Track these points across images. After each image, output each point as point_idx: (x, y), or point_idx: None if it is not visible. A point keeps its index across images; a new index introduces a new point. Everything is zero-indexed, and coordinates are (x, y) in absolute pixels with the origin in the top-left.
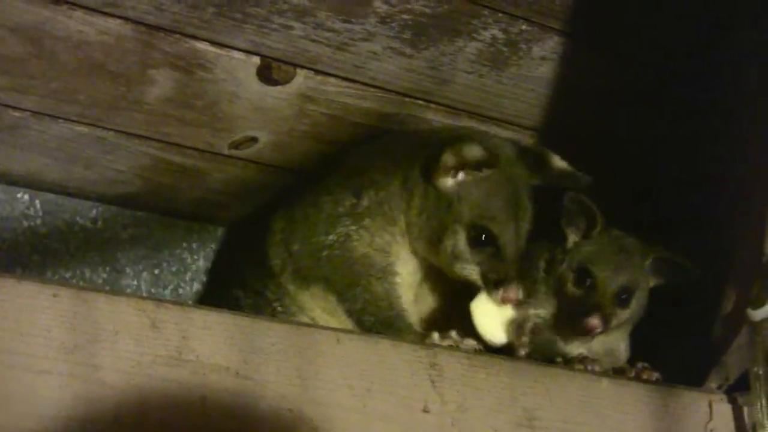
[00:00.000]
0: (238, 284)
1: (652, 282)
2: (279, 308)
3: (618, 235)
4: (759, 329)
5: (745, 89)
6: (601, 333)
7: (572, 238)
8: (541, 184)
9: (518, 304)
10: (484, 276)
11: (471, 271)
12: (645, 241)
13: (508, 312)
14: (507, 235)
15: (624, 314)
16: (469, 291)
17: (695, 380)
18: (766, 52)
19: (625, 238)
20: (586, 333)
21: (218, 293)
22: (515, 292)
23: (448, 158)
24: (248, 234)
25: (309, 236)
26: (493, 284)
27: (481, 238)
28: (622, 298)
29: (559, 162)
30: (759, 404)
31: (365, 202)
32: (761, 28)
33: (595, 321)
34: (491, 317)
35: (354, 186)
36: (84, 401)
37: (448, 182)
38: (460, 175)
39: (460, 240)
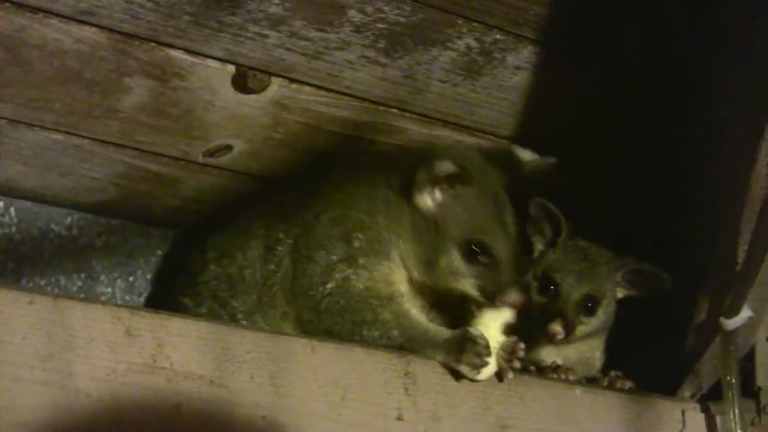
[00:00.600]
0: (188, 292)
1: (622, 293)
2: (243, 321)
3: (584, 245)
4: (732, 338)
5: (728, 99)
6: (565, 340)
7: (538, 246)
8: (512, 183)
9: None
10: (481, 290)
11: (468, 287)
12: (615, 253)
13: (500, 339)
14: (499, 242)
15: (591, 323)
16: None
17: (668, 389)
18: (748, 59)
19: (593, 247)
20: (549, 339)
21: (164, 298)
22: (515, 295)
23: (422, 177)
24: (212, 246)
25: (306, 290)
26: (491, 295)
27: (475, 252)
28: (588, 306)
29: (524, 153)
30: (732, 413)
31: (356, 244)
32: (742, 35)
33: (557, 327)
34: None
35: (341, 232)
36: (59, 408)
37: (427, 201)
38: (437, 194)
39: (454, 258)
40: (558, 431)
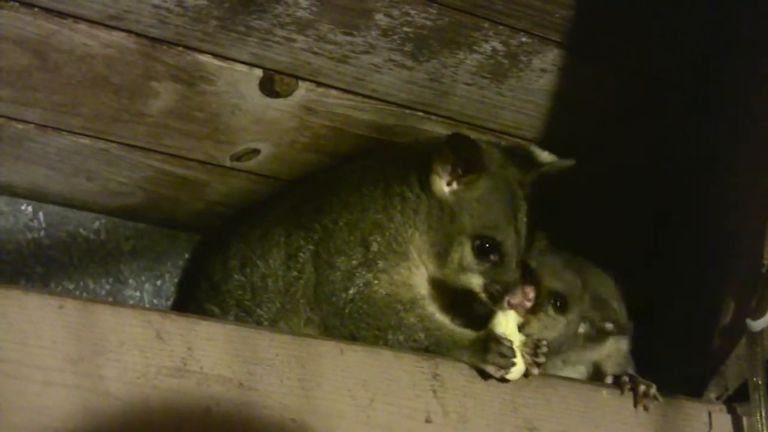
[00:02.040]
0: (214, 300)
1: (583, 329)
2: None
3: (568, 259)
4: (758, 340)
5: (748, 101)
6: (530, 315)
7: None
8: (529, 181)
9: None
10: (485, 289)
11: (475, 283)
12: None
13: (519, 337)
14: (509, 240)
15: (557, 321)
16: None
17: (695, 391)
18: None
19: (574, 263)
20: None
21: (189, 303)
22: (520, 297)
23: (440, 159)
24: (233, 251)
25: (329, 296)
26: (496, 295)
27: (486, 248)
28: (557, 304)
29: (544, 155)
30: (758, 414)
31: (374, 247)
32: (761, 34)
33: (529, 291)
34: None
35: (358, 237)
36: (90, 412)
37: (444, 188)
38: (454, 184)
39: (466, 252)
40: None
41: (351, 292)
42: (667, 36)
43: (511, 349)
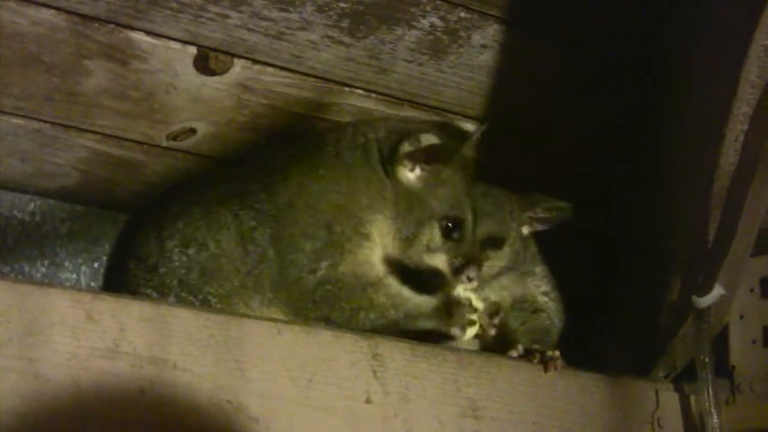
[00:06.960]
0: (150, 284)
1: (528, 230)
2: (217, 305)
3: (487, 190)
4: (705, 317)
5: (692, 77)
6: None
7: None
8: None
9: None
10: (449, 264)
11: (440, 262)
12: (522, 196)
13: (476, 299)
14: (468, 217)
15: (498, 256)
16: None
17: (642, 369)
18: (713, 37)
19: (496, 190)
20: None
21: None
22: (476, 271)
23: (404, 150)
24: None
25: (297, 279)
26: (457, 270)
27: (450, 227)
28: (493, 243)
29: (468, 127)
30: (706, 392)
31: (338, 228)
32: (707, 12)
33: (472, 274)
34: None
35: (321, 218)
36: (20, 394)
37: (408, 176)
38: (417, 170)
39: (435, 233)
40: (530, 413)
41: (319, 275)
42: (609, 10)
43: (471, 307)
